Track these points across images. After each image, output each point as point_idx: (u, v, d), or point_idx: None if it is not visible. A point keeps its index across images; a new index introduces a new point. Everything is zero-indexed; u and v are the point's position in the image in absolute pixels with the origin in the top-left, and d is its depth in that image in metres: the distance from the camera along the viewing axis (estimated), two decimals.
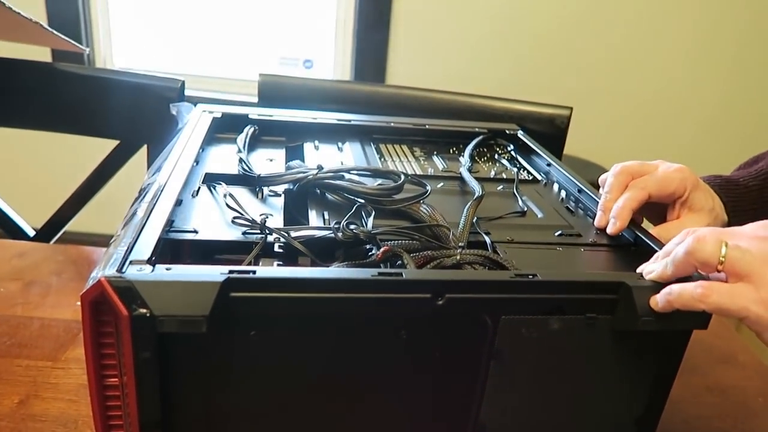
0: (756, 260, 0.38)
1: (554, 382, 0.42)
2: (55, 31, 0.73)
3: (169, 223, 0.44)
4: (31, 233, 0.80)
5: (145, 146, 0.78)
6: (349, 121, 0.71)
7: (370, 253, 0.44)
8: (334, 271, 0.38)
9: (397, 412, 0.41)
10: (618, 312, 0.40)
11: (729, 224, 0.55)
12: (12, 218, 0.80)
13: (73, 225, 0.83)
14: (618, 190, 0.52)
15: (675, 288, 0.39)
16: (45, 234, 0.80)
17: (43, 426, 0.47)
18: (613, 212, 0.50)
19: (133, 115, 0.75)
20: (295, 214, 0.53)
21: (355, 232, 0.43)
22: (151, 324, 0.34)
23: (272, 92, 0.80)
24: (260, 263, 0.42)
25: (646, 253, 0.46)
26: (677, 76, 1.80)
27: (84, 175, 0.80)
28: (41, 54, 1.60)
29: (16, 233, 0.80)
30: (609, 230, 0.50)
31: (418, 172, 0.62)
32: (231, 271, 0.36)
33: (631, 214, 0.50)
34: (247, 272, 0.36)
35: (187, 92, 1.82)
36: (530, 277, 0.39)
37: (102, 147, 0.80)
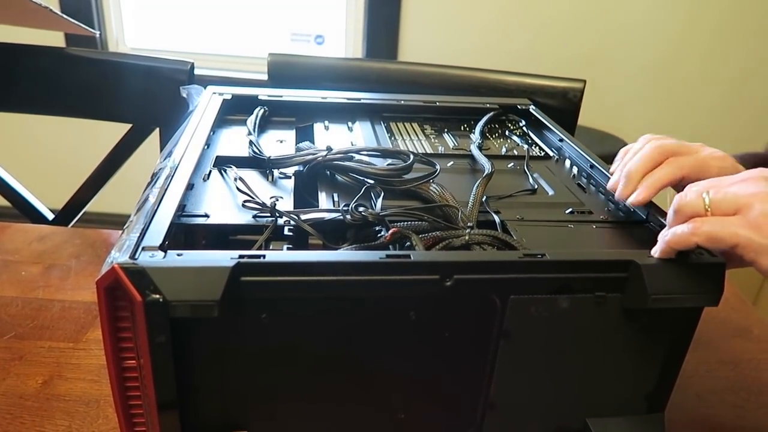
0: (739, 197, 0.39)
1: (563, 359, 0.42)
2: (64, 15, 0.73)
3: (181, 207, 0.45)
4: (50, 216, 0.82)
5: (158, 129, 0.79)
6: (359, 99, 0.71)
7: (379, 235, 0.44)
8: (343, 254, 0.38)
9: (407, 391, 0.42)
10: (627, 290, 0.40)
11: None
12: (31, 202, 0.81)
13: (90, 206, 0.84)
14: (650, 162, 0.48)
15: (667, 231, 0.40)
16: (63, 217, 0.82)
17: (67, 405, 0.48)
18: (643, 182, 0.47)
19: (143, 99, 0.75)
20: (305, 196, 0.53)
21: (364, 215, 0.43)
22: (164, 309, 0.34)
23: (282, 71, 0.80)
24: (271, 246, 0.43)
25: (658, 230, 0.46)
26: (694, 43, 1.76)
27: (99, 158, 0.81)
28: (55, 38, 1.60)
29: (36, 217, 0.81)
30: (631, 199, 0.47)
31: (428, 151, 0.62)
32: (241, 256, 0.36)
33: (659, 191, 0.48)
34: (257, 257, 0.36)
35: (198, 71, 1.82)
36: (538, 256, 0.39)
37: (117, 129, 0.81)
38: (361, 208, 0.44)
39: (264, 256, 0.36)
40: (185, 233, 0.44)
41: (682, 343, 0.43)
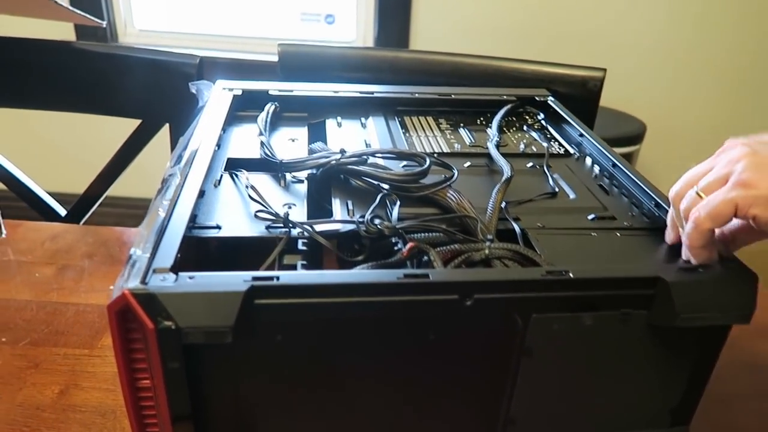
0: (720, 171, 0.39)
1: (585, 375, 0.41)
2: (70, 7, 0.71)
3: (192, 218, 0.44)
4: (63, 213, 0.82)
5: (167, 125, 0.78)
6: (372, 93, 0.69)
7: (395, 248, 0.43)
8: (358, 275, 0.37)
9: (425, 409, 0.41)
10: (654, 307, 0.39)
11: None
12: (44, 199, 0.81)
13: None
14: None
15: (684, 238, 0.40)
16: (76, 213, 0.81)
17: (83, 417, 0.48)
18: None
19: (152, 94, 0.74)
20: (319, 201, 0.52)
21: (380, 228, 0.41)
22: (176, 335, 0.34)
23: (292, 61, 0.78)
24: (284, 259, 0.42)
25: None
26: (712, 26, 1.70)
27: (110, 153, 0.80)
28: (64, 25, 1.58)
29: (49, 213, 0.81)
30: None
31: (444, 149, 0.60)
32: (254, 278, 0.35)
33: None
34: (270, 278, 0.35)
35: (207, 53, 1.79)
36: (562, 274, 0.38)
37: (127, 124, 0.80)
38: (377, 221, 0.42)
39: (278, 278, 0.35)
40: (197, 245, 0.43)
41: (710, 358, 0.42)
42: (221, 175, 0.51)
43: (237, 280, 0.35)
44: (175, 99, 0.71)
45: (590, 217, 0.48)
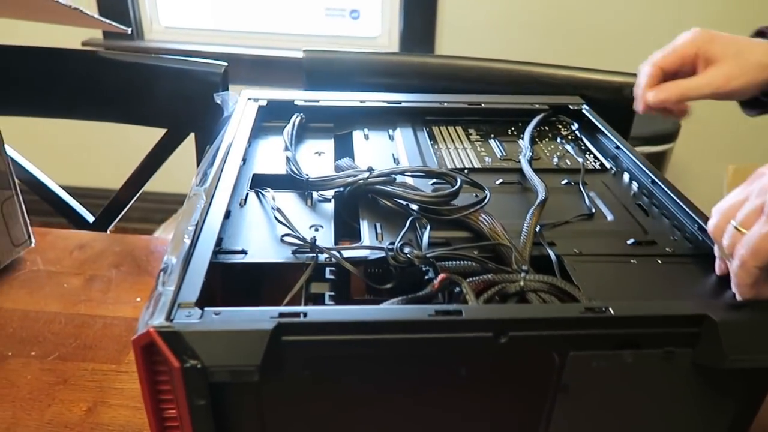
0: (755, 203, 0.37)
1: (624, 413, 0.40)
2: (95, 15, 0.71)
3: (218, 242, 0.43)
4: (91, 219, 0.82)
5: (193, 134, 0.77)
6: (399, 102, 0.67)
7: (426, 277, 0.41)
8: (388, 311, 0.36)
9: None
10: (700, 347, 0.37)
11: None
12: (72, 206, 0.81)
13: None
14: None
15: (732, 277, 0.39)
16: (103, 219, 0.82)
17: None
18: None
19: (177, 102, 0.73)
20: (346, 220, 0.51)
21: (410, 257, 0.40)
22: (202, 374, 0.33)
23: (318, 67, 0.77)
24: (311, 287, 0.41)
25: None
26: (748, 20, 1.63)
27: (137, 160, 0.80)
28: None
29: (77, 221, 0.81)
30: (639, 110, 0.57)
31: (474, 163, 0.58)
32: (281, 314, 0.34)
33: (648, 89, 0.55)
34: (297, 314, 0.34)
35: (231, 50, 1.79)
36: (602, 311, 0.36)
37: (153, 132, 0.80)
38: (406, 249, 0.41)
39: (305, 314, 0.34)
40: (222, 271, 0.43)
41: (757, 397, 0.40)
42: (247, 194, 0.50)
43: (263, 316, 0.34)
44: (201, 108, 0.70)
45: (629, 242, 0.46)
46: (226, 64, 0.71)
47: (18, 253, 0.67)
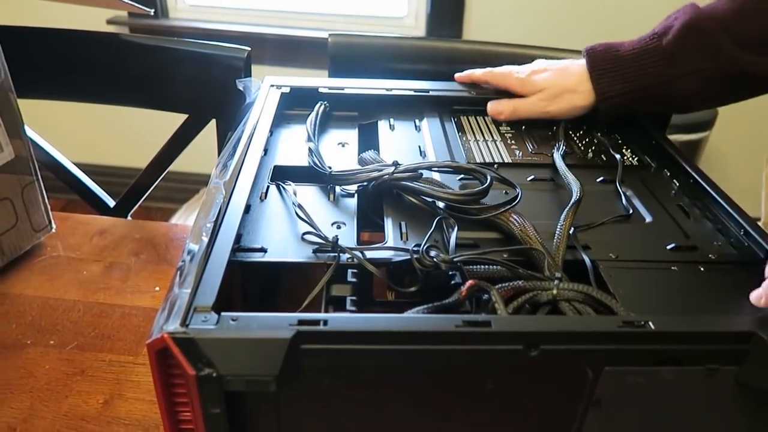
0: None
1: (659, 430, 0.37)
2: None
3: (237, 238, 0.41)
4: (112, 204, 0.81)
5: (214, 120, 0.76)
6: (427, 91, 0.65)
7: (452, 281, 0.39)
8: (413, 321, 0.34)
9: None
10: (747, 365, 0.34)
11: (597, 90, 0.58)
12: (93, 190, 0.81)
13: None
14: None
15: None
16: (124, 204, 0.81)
17: (126, 430, 0.48)
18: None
19: (198, 88, 0.72)
20: (370, 215, 0.49)
21: (436, 261, 0.38)
22: (218, 382, 0.32)
23: (343, 53, 0.74)
24: (332, 290, 0.39)
25: None
26: None
27: (160, 140, 0.79)
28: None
29: (99, 205, 0.81)
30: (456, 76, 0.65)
31: (504, 157, 0.56)
32: (300, 322, 0.32)
33: (472, 76, 0.65)
34: (317, 322, 0.33)
35: (256, 29, 1.76)
36: (641, 325, 0.34)
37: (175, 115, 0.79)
38: (432, 252, 0.39)
39: (325, 322, 0.33)
40: (241, 268, 0.41)
41: None
42: (267, 187, 0.49)
43: (282, 323, 0.32)
44: (222, 93, 0.68)
45: (669, 246, 0.44)
46: (249, 48, 0.69)
47: (38, 238, 0.66)
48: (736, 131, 1.62)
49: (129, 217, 0.84)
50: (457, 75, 0.66)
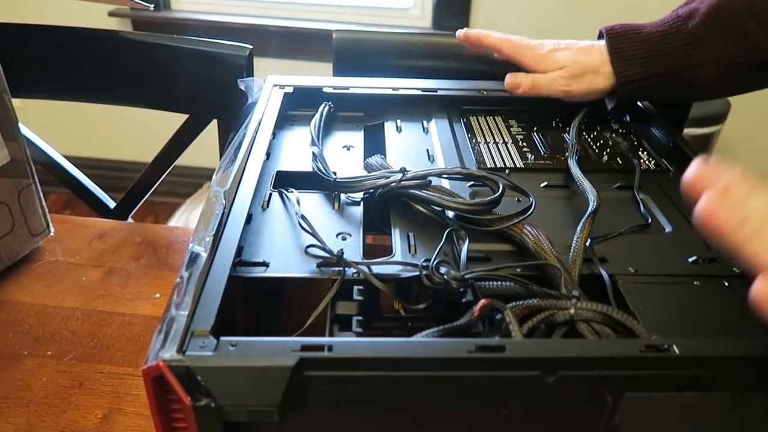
0: None
1: None
2: None
3: (239, 251, 0.39)
4: (112, 205, 0.80)
5: (216, 121, 0.74)
6: (435, 90, 0.62)
7: (464, 299, 0.37)
8: (423, 346, 0.32)
9: None
10: None
11: (617, 73, 0.56)
12: (93, 191, 0.79)
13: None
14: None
15: None
16: (124, 206, 0.79)
17: None
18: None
19: (200, 87, 0.70)
20: (376, 223, 0.47)
21: (446, 279, 0.36)
22: (216, 413, 0.30)
23: (349, 49, 0.72)
24: (337, 307, 0.37)
25: None
26: None
27: (164, 138, 0.77)
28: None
29: (98, 206, 0.79)
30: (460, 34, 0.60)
31: (516, 161, 0.54)
32: (303, 347, 0.31)
33: (482, 37, 0.60)
34: (322, 348, 0.31)
35: (260, 20, 1.73)
36: (665, 349, 0.32)
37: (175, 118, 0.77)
38: (442, 269, 0.37)
39: (330, 348, 0.31)
40: (243, 284, 0.39)
41: None
42: (270, 194, 0.47)
43: (284, 349, 0.31)
44: (224, 93, 0.66)
45: (691, 259, 0.41)
46: (250, 47, 0.67)
47: (36, 243, 0.65)
48: (749, 125, 1.59)
49: (130, 219, 0.82)
50: (460, 32, 0.61)
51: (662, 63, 0.54)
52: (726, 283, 0.40)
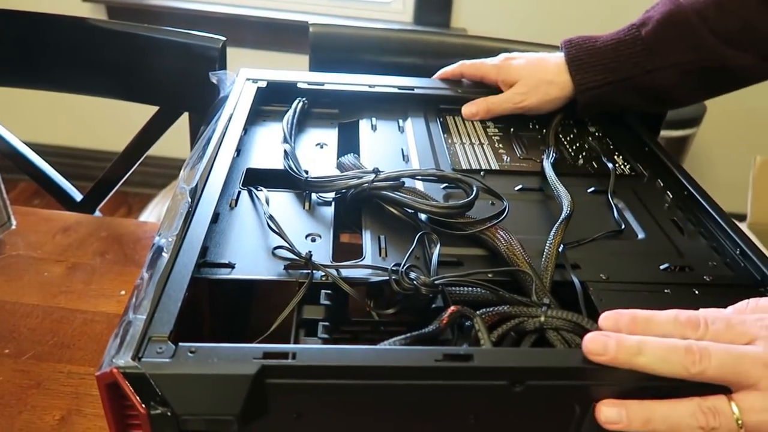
0: None
1: None
2: None
3: (203, 251, 0.38)
4: (78, 197, 0.77)
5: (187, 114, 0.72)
6: (412, 89, 0.61)
7: (433, 305, 0.37)
8: (389, 354, 0.31)
9: None
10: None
11: (575, 81, 0.57)
12: (59, 183, 0.76)
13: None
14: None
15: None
16: (91, 198, 0.77)
17: None
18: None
19: (171, 78, 0.67)
20: (347, 223, 0.46)
21: (416, 285, 0.35)
22: (173, 422, 0.29)
23: (325, 44, 0.71)
24: (303, 311, 0.36)
25: None
26: None
27: (127, 138, 0.75)
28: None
29: (64, 198, 0.77)
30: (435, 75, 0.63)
31: (492, 162, 0.53)
32: (266, 355, 0.30)
33: (446, 72, 0.63)
34: (285, 355, 0.30)
35: (236, 11, 1.70)
36: None
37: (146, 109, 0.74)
38: (412, 275, 0.36)
39: (294, 355, 0.30)
40: (208, 286, 0.38)
41: None
42: (238, 193, 0.46)
43: (245, 356, 0.29)
44: (195, 85, 0.64)
45: (663, 267, 0.41)
46: (224, 38, 0.65)
47: None
48: (724, 128, 1.61)
49: (98, 212, 0.80)
50: (435, 76, 0.64)
51: (618, 69, 0.55)
52: (696, 291, 0.39)
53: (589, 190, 0.50)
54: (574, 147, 0.57)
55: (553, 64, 0.58)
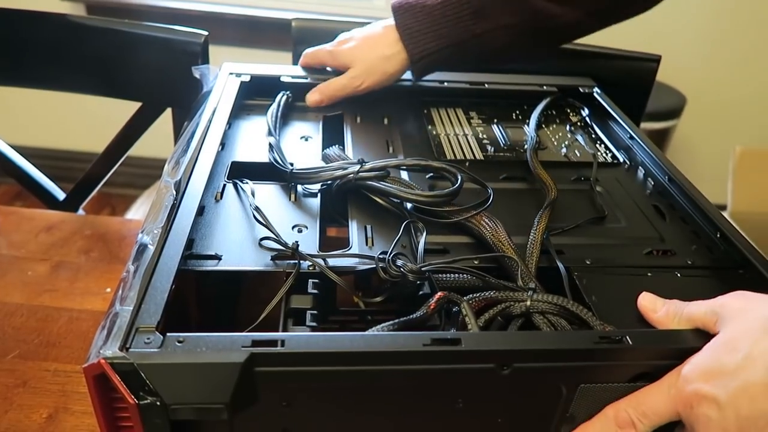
0: None
1: None
2: None
3: (189, 244, 0.38)
4: (61, 196, 0.76)
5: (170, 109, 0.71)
6: (396, 81, 0.61)
7: (420, 292, 0.37)
8: (377, 340, 0.31)
9: None
10: None
11: (409, 52, 0.56)
12: (41, 182, 0.75)
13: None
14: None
15: None
16: (74, 197, 0.76)
17: None
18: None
19: (153, 73, 0.67)
20: (333, 215, 0.46)
21: (403, 271, 0.36)
22: (162, 412, 0.29)
23: (308, 38, 0.70)
24: (291, 301, 0.36)
25: (757, 280, 0.38)
26: None
27: (110, 136, 0.74)
28: None
29: (47, 198, 0.76)
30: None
31: (476, 152, 0.53)
32: (254, 343, 0.30)
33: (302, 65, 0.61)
34: (274, 343, 0.30)
35: (217, 8, 1.68)
36: (617, 340, 0.32)
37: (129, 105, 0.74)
38: (399, 262, 0.36)
39: (282, 343, 0.30)
40: (195, 277, 0.38)
41: None
42: (224, 185, 0.45)
43: (234, 345, 0.30)
44: (178, 80, 0.64)
45: (645, 251, 0.42)
46: (206, 33, 0.65)
47: None
48: (704, 120, 1.63)
49: (81, 211, 0.79)
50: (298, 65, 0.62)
51: (450, 35, 0.55)
52: (678, 274, 0.40)
53: (572, 179, 0.50)
54: (557, 137, 0.57)
55: (383, 36, 0.57)
